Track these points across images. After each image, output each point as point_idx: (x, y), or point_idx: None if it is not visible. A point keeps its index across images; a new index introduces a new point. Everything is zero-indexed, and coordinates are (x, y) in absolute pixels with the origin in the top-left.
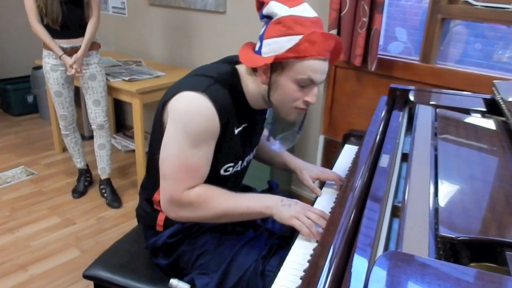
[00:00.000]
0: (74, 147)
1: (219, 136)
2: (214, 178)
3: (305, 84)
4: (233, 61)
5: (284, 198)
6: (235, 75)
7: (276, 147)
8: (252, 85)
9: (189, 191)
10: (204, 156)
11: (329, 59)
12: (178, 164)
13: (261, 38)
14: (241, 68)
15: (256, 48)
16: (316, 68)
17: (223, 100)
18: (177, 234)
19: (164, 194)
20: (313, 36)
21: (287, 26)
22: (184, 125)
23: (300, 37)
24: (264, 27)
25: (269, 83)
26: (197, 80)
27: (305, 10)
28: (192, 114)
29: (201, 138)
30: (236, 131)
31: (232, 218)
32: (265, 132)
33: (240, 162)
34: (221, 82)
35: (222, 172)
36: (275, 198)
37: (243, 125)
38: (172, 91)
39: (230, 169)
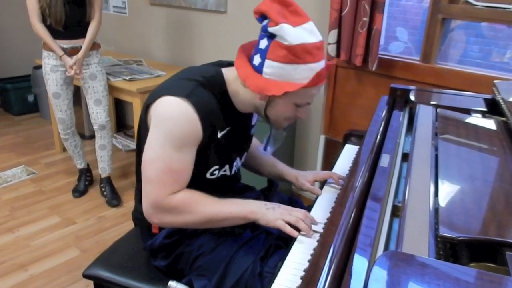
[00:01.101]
0: (74, 150)
1: (202, 140)
2: (200, 182)
3: (302, 105)
4: (222, 64)
5: (268, 203)
6: (220, 78)
7: (268, 150)
8: (243, 93)
9: (173, 196)
10: (187, 160)
11: None
12: (163, 167)
13: (263, 55)
14: (228, 72)
15: (256, 63)
16: (314, 93)
17: (207, 104)
18: (173, 234)
19: (147, 198)
20: (321, 71)
21: (296, 55)
22: (166, 130)
23: (305, 66)
24: (266, 42)
25: (267, 100)
26: (181, 84)
27: (311, 33)
28: (174, 119)
29: (183, 143)
30: (220, 135)
31: (215, 224)
32: (258, 143)
33: (227, 166)
34: (205, 85)
35: (208, 175)
36: (259, 203)
37: (227, 128)
38: (156, 94)
39: (216, 172)
